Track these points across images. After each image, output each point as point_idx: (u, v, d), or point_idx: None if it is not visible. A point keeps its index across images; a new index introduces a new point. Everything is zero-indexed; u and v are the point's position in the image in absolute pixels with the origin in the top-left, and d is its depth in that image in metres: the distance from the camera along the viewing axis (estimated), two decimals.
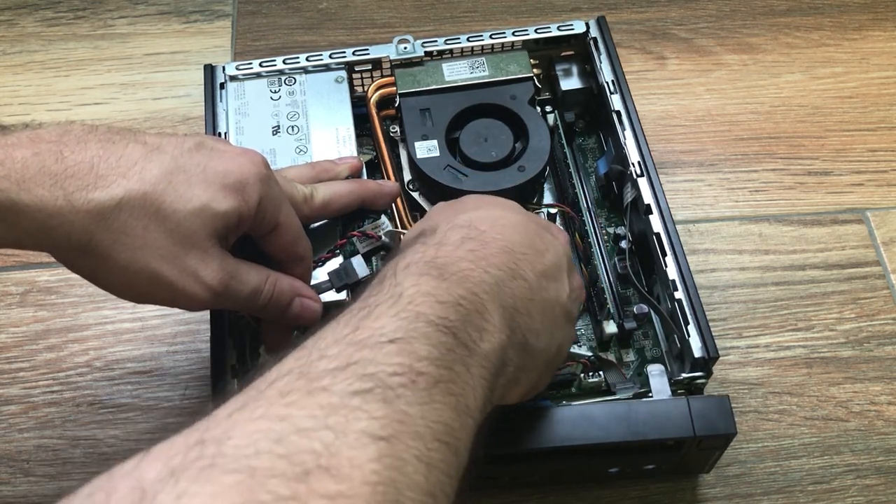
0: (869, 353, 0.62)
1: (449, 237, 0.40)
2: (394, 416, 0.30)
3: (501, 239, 0.41)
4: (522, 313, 0.40)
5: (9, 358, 0.62)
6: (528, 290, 0.40)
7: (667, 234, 0.54)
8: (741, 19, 0.80)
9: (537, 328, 0.41)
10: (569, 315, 0.45)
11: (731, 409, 0.48)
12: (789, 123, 0.73)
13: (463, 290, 0.37)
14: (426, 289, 0.36)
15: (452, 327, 0.35)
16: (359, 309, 0.35)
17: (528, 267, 0.41)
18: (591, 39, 0.63)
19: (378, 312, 0.34)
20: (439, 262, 0.38)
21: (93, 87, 0.75)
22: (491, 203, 0.46)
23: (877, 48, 0.78)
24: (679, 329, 0.51)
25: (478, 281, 0.38)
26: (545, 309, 0.42)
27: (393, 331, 0.33)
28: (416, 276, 0.36)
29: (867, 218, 0.68)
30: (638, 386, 0.52)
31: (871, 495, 0.57)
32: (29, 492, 0.57)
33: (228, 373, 0.49)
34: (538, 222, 0.46)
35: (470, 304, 0.36)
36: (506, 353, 0.38)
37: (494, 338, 0.37)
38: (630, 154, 0.57)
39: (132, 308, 0.64)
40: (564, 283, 0.44)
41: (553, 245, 0.45)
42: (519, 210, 0.46)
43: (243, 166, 0.44)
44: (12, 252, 0.66)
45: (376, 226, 0.54)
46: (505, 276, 0.39)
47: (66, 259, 0.43)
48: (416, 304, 0.35)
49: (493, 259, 0.40)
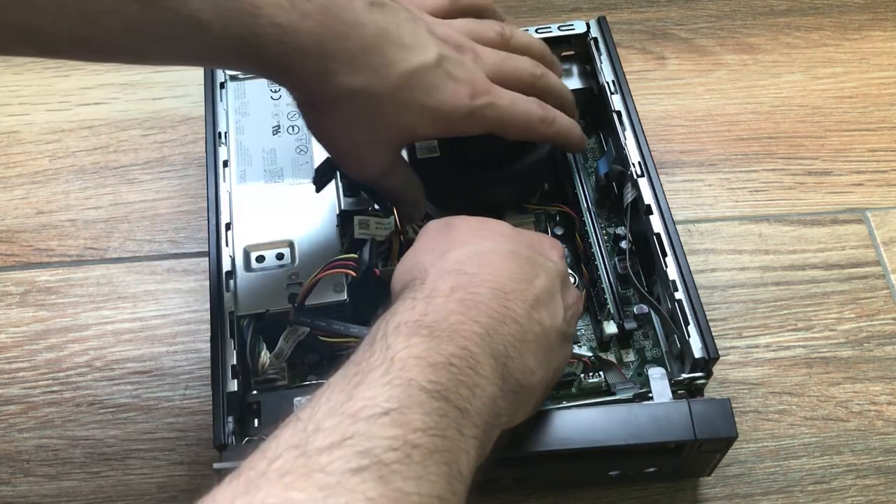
0: (869, 353, 0.62)
1: (439, 287, 0.41)
2: (390, 494, 0.31)
3: (491, 280, 0.42)
4: (514, 357, 0.40)
5: (9, 358, 0.62)
6: (519, 332, 0.41)
7: (667, 234, 0.54)
8: (741, 19, 0.80)
9: (531, 366, 0.41)
10: (564, 335, 0.45)
11: (732, 412, 0.48)
12: (789, 123, 0.73)
13: (454, 346, 0.37)
14: (417, 351, 0.36)
15: (445, 391, 0.35)
16: (353, 374, 0.35)
17: (519, 304, 0.42)
18: (592, 39, 0.63)
19: (371, 379, 0.35)
20: (429, 321, 0.38)
21: (93, 87, 0.75)
22: (479, 232, 0.46)
23: (877, 48, 0.78)
24: (679, 329, 0.51)
25: (469, 335, 0.38)
26: (538, 343, 0.42)
27: (386, 400, 0.34)
28: (406, 338, 0.37)
29: (867, 218, 0.68)
30: (638, 386, 0.52)
31: (871, 495, 0.57)
32: (29, 492, 0.57)
33: (228, 373, 0.49)
34: (529, 243, 0.46)
35: (461, 360, 0.37)
36: (497, 404, 0.38)
37: (486, 392, 0.37)
38: (630, 154, 0.57)
39: (132, 308, 0.64)
40: (558, 305, 0.45)
41: (544, 267, 0.45)
42: (507, 236, 0.46)
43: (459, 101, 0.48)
44: (12, 252, 0.66)
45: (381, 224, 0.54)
46: (496, 322, 0.40)
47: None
48: (408, 369, 0.35)
49: (484, 306, 0.40)
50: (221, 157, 0.57)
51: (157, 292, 0.64)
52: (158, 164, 0.71)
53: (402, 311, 0.39)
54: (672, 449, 0.49)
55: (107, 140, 0.72)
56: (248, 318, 0.52)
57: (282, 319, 0.52)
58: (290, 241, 0.55)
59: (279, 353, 0.51)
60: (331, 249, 0.54)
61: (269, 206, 0.56)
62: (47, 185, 0.70)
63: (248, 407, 0.50)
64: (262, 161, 0.58)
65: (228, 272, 0.53)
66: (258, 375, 0.52)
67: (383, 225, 0.53)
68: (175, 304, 0.64)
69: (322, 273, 0.51)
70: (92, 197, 0.69)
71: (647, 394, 0.50)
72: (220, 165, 0.57)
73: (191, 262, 0.66)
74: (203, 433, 0.58)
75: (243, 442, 0.48)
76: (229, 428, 0.48)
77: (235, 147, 0.59)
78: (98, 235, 0.67)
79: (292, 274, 0.54)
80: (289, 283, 0.53)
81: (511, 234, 0.47)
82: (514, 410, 0.41)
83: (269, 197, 0.57)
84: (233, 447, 0.47)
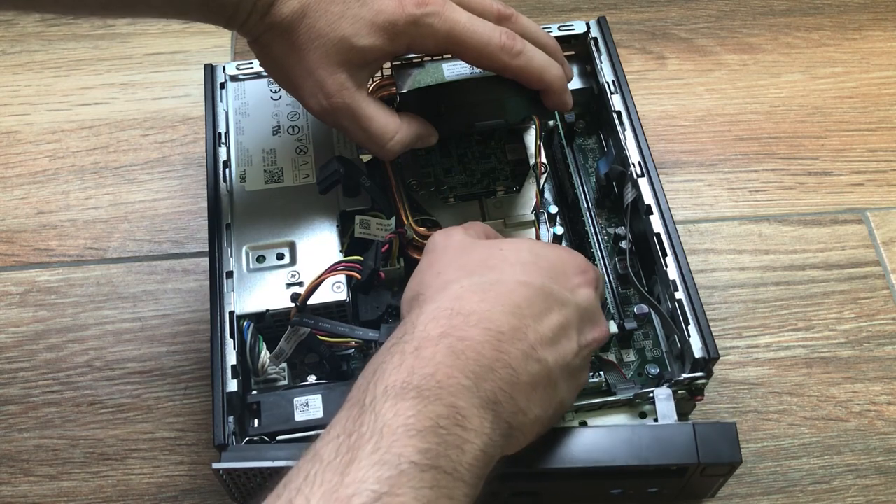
0: (869, 353, 0.62)
1: (429, 332, 0.40)
2: None
3: (487, 320, 0.40)
4: (504, 402, 0.39)
5: (9, 358, 0.62)
6: (511, 375, 0.40)
7: (667, 234, 0.54)
8: (741, 19, 0.80)
9: (523, 407, 0.40)
10: (574, 371, 0.44)
11: (737, 436, 0.47)
12: (789, 123, 0.73)
13: (441, 406, 0.37)
14: (404, 419, 0.36)
15: (434, 458, 0.35)
16: (345, 450, 0.35)
17: (517, 344, 0.40)
18: (592, 39, 0.63)
19: (361, 457, 0.35)
20: (416, 381, 0.38)
21: (93, 87, 0.75)
22: (490, 261, 0.44)
23: (877, 48, 0.78)
24: (679, 329, 0.51)
25: (456, 389, 0.38)
26: (535, 383, 0.41)
27: (376, 482, 0.34)
28: (394, 403, 0.37)
29: (867, 218, 0.68)
30: (639, 387, 0.52)
31: (871, 495, 0.57)
32: (29, 492, 0.57)
33: (228, 373, 0.49)
34: (551, 272, 0.44)
35: (448, 419, 0.37)
36: (486, 453, 0.38)
37: (475, 445, 0.37)
38: (630, 154, 0.57)
39: (132, 308, 0.64)
40: (571, 342, 0.43)
41: (561, 301, 0.43)
42: (524, 264, 0.44)
43: (398, 8, 0.48)
44: (12, 252, 0.66)
45: (382, 225, 0.54)
46: (484, 370, 0.39)
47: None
48: (397, 441, 0.35)
49: (473, 352, 0.39)
50: (221, 158, 0.57)
51: (157, 292, 0.64)
52: (158, 164, 0.71)
53: (391, 369, 0.38)
54: (675, 471, 0.48)
55: (107, 140, 0.72)
56: (248, 317, 0.52)
57: (282, 319, 0.52)
58: (291, 241, 0.55)
59: (279, 353, 0.51)
60: (331, 250, 0.54)
61: (270, 207, 0.56)
62: (47, 185, 0.70)
63: (248, 407, 0.50)
64: (262, 161, 0.58)
65: (229, 272, 0.53)
66: (258, 375, 0.52)
67: (384, 226, 0.53)
68: (175, 304, 0.64)
69: (326, 274, 0.51)
70: (92, 197, 0.69)
71: (647, 395, 0.50)
72: (220, 166, 0.57)
73: (191, 262, 0.66)
74: (203, 433, 0.58)
75: (243, 442, 0.48)
76: (229, 428, 0.48)
77: (235, 147, 0.59)
78: (98, 235, 0.67)
79: (292, 274, 0.54)
80: (289, 282, 0.53)
81: (530, 260, 0.45)
82: (507, 447, 0.41)
83: (269, 197, 0.57)
84: (233, 447, 0.47)
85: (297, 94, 0.51)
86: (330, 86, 0.49)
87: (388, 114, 0.52)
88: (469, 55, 0.51)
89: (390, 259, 0.55)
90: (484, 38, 0.50)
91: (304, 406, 0.49)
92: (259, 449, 0.47)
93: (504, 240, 0.48)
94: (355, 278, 0.52)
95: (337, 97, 0.49)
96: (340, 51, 0.48)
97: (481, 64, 0.52)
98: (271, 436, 0.48)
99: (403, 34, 0.49)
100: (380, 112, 0.51)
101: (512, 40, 0.51)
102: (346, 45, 0.48)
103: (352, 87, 0.50)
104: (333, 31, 0.48)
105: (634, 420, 0.51)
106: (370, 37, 0.49)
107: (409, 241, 0.55)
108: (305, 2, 0.48)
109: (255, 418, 0.50)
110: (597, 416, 0.51)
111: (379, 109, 0.51)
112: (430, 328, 0.40)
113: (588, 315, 0.45)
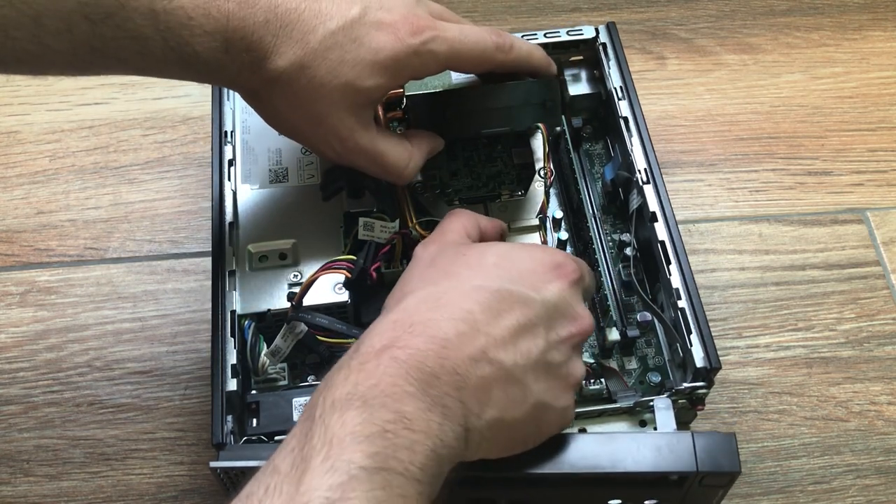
0: (869, 353, 0.62)
1: (374, 345, 0.40)
2: None
3: (433, 327, 0.40)
4: (451, 406, 0.39)
5: (9, 358, 0.62)
6: (458, 380, 0.40)
7: (671, 241, 0.53)
8: (741, 19, 0.80)
9: (475, 410, 0.40)
10: (548, 369, 0.43)
11: (736, 447, 0.47)
12: (789, 123, 0.73)
13: (387, 412, 0.37)
14: (351, 426, 0.36)
15: (383, 461, 0.36)
16: (299, 461, 0.36)
17: (463, 349, 0.40)
18: (601, 45, 0.62)
19: (313, 466, 0.35)
20: (361, 391, 0.38)
21: (93, 87, 0.75)
22: (451, 267, 0.45)
23: (877, 48, 0.78)
24: (681, 338, 0.51)
25: (400, 395, 0.38)
26: (487, 386, 0.41)
27: (328, 489, 0.34)
28: (341, 414, 0.37)
29: (867, 218, 0.68)
30: (639, 394, 0.52)
31: (871, 495, 0.57)
32: (29, 492, 0.57)
33: (228, 372, 0.49)
34: (518, 273, 0.44)
35: (395, 424, 0.37)
36: (439, 454, 0.38)
37: (426, 445, 0.37)
38: (636, 161, 0.57)
39: (132, 308, 0.64)
40: (538, 339, 0.43)
41: (522, 300, 0.43)
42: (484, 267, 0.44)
43: (396, 42, 0.47)
44: (12, 252, 0.66)
45: (386, 227, 0.54)
46: (428, 377, 0.39)
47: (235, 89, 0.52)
48: (346, 448, 0.36)
49: (415, 361, 0.39)
50: (227, 156, 0.57)
51: (157, 292, 0.64)
52: (158, 164, 0.71)
53: (338, 383, 0.39)
54: (674, 481, 0.48)
55: (107, 140, 0.72)
56: (249, 317, 0.52)
57: (283, 319, 0.52)
58: (294, 241, 0.55)
59: (275, 350, 0.51)
60: (334, 250, 0.54)
61: (274, 206, 0.56)
62: (47, 185, 0.70)
63: (248, 406, 0.50)
64: (267, 160, 0.58)
65: (231, 271, 0.53)
66: (258, 375, 0.52)
67: (388, 228, 0.53)
68: (175, 304, 0.64)
69: (319, 273, 0.51)
70: (92, 197, 0.69)
71: (647, 403, 0.50)
72: (225, 164, 0.57)
73: (191, 262, 0.66)
74: (203, 433, 0.58)
75: (241, 441, 0.48)
76: (228, 427, 0.48)
77: (241, 146, 0.59)
78: (98, 235, 0.67)
79: (294, 274, 0.54)
80: (291, 283, 0.53)
81: (492, 263, 0.45)
82: (468, 449, 0.41)
83: (273, 197, 0.57)
84: (231, 447, 0.47)
85: (307, 143, 0.51)
86: (342, 132, 0.49)
87: (398, 142, 0.52)
88: (469, 66, 0.51)
89: (393, 261, 0.55)
90: (480, 45, 0.50)
91: (304, 407, 0.49)
92: (257, 449, 0.47)
93: (472, 245, 0.48)
94: (346, 276, 0.52)
95: (350, 142, 0.49)
96: (346, 96, 0.48)
97: (481, 69, 0.52)
98: (269, 436, 0.48)
99: (406, 67, 0.48)
100: (390, 144, 0.51)
101: (500, 37, 0.51)
102: (351, 90, 0.47)
103: (362, 129, 0.49)
104: (336, 77, 0.47)
105: (634, 428, 0.51)
106: (373, 77, 0.48)
107: (414, 243, 0.55)
108: (301, 52, 0.46)
109: (254, 418, 0.50)
110: (597, 423, 0.51)
111: (389, 141, 0.51)
112: (375, 342, 0.40)
113: (560, 310, 0.45)
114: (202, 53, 0.45)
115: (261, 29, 0.46)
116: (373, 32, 0.47)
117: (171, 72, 0.47)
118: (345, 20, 0.47)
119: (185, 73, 0.47)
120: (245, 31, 0.45)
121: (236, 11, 0.45)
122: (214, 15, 0.45)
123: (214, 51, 0.45)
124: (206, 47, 0.45)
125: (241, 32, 0.45)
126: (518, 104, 0.55)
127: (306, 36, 0.46)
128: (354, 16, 0.47)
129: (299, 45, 0.46)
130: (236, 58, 0.46)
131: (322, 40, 0.47)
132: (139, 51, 0.44)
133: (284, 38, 0.46)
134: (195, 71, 0.47)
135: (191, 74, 0.47)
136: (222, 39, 0.45)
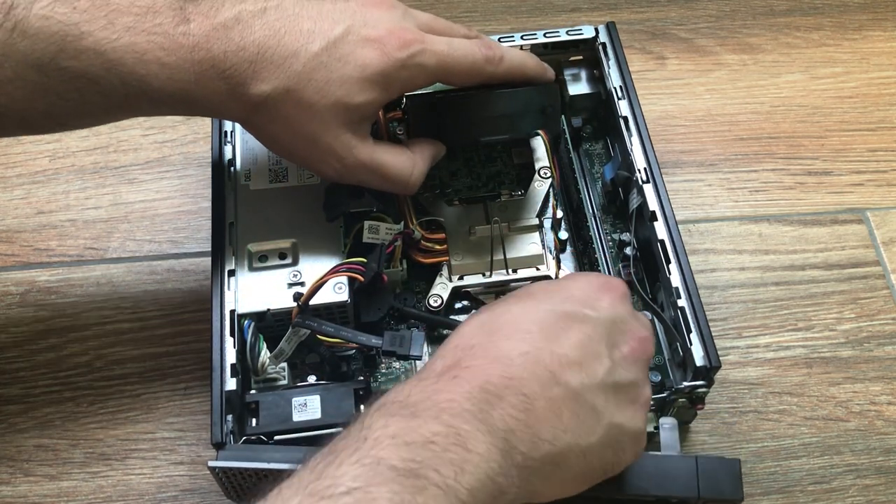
0: (869, 353, 0.62)
1: (434, 366, 0.40)
2: None
3: (495, 349, 0.39)
4: (516, 430, 0.38)
5: (9, 358, 0.62)
6: (523, 401, 0.38)
7: (671, 241, 0.54)
8: (741, 19, 0.80)
9: (544, 436, 0.38)
10: (612, 388, 0.42)
11: (740, 473, 0.46)
12: (789, 123, 0.73)
13: (438, 425, 0.36)
14: (393, 430, 0.35)
15: (420, 468, 0.34)
16: (328, 453, 0.35)
17: (528, 369, 0.39)
18: (601, 45, 0.62)
19: (341, 459, 0.34)
20: (413, 400, 0.37)
21: None
22: (508, 299, 0.44)
23: (877, 48, 0.78)
24: (681, 337, 0.51)
25: (457, 412, 0.36)
26: (557, 408, 0.39)
27: (352, 479, 0.33)
28: (385, 418, 0.36)
29: (867, 218, 0.68)
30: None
31: (871, 495, 0.57)
32: (29, 492, 0.57)
33: (228, 371, 0.49)
34: (570, 294, 0.43)
35: (446, 438, 0.35)
36: (496, 481, 0.36)
37: (481, 468, 0.36)
38: (636, 160, 0.57)
39: (132, 308, 0.64)
40: (601, 358, 0.41)
41: (580, 319, 0.42)
42: (535, 294, 0.44)
43: (383, 57, 0.47)
44: (12, 252, 0.66)
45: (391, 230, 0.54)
46: (491, 397, 0.38)
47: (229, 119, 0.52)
48: (380, 447, 0.35)
49: (478, 380, 0.38)
50: (227, 156, 0.58)
51: (157, 292, 0.64)
52: (158, 164, 0.71)
53: (391, 394, 0.38)
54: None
55: (107, 140, 0.72)
56: (249, 316, 0.52)
57: (283, 318, 0.52)
58: (293, 241, 0.55)
59: (279, 353, 0.51)
60: (333, 250, 0.54)
61: (273, 206, 0.56)
62: (47, 185, 0.70)
63: (247, 406, 0.50)
64: (267, 160, 0.58)
65: (231, 271, 0.53)
66: (258, 374, 0.52)
67: (393, 230, 0.53)
68: (175, 304, 0.64)
69: (329, 275, 0.51)
70: (92, 197, 0.69)
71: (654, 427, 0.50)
72: (224, 163, 0.57)
73: (191, 262, 0.66)
74: (203, 433, 0.58)
75: (241, 441, 0.48)
76: (227, 427, 0.48)
77: (241, 146, 0.59)
78: (98, 235, 0.67)
79: (294, 273, 0.54)
80: (290, 282, 0.53)
81: (544, 289, 0.44)
82: (530, 484, 0.38)
83: (273, 196, 0.57)
84: (230, 446, 0.47)
85: (306, 164, 0.51)
86: (339, 149, 0.48)
87: (399, 152, 0.51)
88: (459, 78, 0.51)
89: (392, 261, 0.55)
90: (469, 57, 0.50)
91: (303, 406, 0.49)
92: (256, 449, 0.47)
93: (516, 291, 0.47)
94: (358, 280, 0.52)
95: (350, 158, 0.49)
96: (338, 114, 0.47)
97: (472, 81, 0.51)
98: (269, 435, 0.48)
99: (396, 80, 0.48)
100: (392, 155, 0.51)
101: (490, 49, 0.51)
102: (342, 108, 0.47)
103: (359, 144, 0.49)
104: (324, 97, 0.47)
105: None
106: (363, 93, 0.47)
107: (415, 243, 0.55)
108: (283, 76, 0.46)
109: (254, 417, 0.50)
110: None
111: (390, 152, 0.51)
112: (437, 365, 0.40)
113: (617, 325, 0.44)
114: (166, 87, 0.44)
115: (233, 56, 0.45)
116: (358, 50, 0.47)
117: (144, 110, 0.46)
118: (328, 40, 0.47)
119: (158, 109, 0.46)
120: (215, 60, 0.45)
121: (202, 43, 0.44)
122: (171, 47, 0.44)
123: (180, 83, 0.44)
124: (168, 80, 0.44)
125: (211, 62, 0.45)
126: (518, 111, 0.55)
127: (287, 60, 0.46)
128: (338, 35, 0.47)
129: (280, 69, 0.46)
130: (209, 87, 0.45)
131: (306, 63, 0.46)
132: (98, 91, 0.44)
133: (264, 64, 0.45)
134: (168, 106, 0.46)
135: (165, 110, 0.47)
136: (187, 71, 0.44)
